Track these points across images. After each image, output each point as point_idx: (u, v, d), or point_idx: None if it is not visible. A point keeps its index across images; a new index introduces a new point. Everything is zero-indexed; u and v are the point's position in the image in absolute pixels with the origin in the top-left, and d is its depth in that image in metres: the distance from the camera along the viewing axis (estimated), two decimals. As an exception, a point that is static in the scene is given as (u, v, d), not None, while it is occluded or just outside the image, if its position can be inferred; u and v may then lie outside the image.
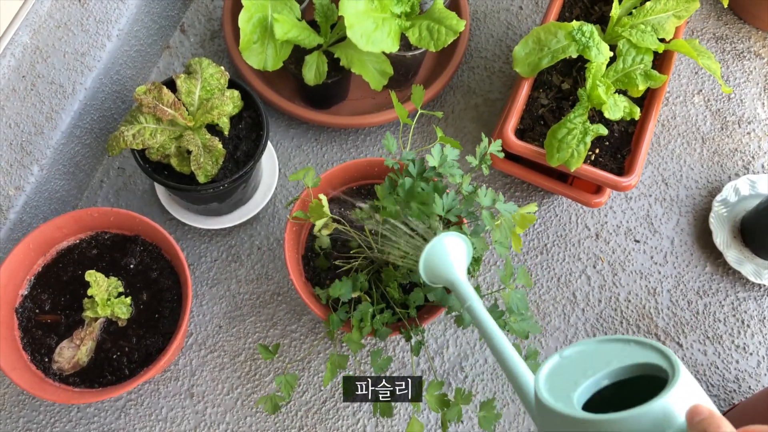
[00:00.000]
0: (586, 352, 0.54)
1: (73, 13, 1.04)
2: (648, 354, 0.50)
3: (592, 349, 0.54)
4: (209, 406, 1.02)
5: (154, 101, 0.91)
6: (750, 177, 1.16)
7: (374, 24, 0.96)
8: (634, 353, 0.51)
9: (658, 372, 0.49)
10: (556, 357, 0.55)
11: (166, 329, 0.93)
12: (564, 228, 1.14)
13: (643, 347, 0.51)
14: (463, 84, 1.22)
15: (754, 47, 1.28)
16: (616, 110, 0.90)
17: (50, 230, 0.93)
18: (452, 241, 0.72)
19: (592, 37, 0.91)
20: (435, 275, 0.72)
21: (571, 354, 0.54)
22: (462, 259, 0.72)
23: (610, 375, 0.51)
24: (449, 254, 0.71)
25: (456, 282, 0.70)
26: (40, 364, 0.91)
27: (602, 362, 0.51)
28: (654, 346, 0.50)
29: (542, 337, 1.08)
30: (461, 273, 0.71)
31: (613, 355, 0.52)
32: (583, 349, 0.54)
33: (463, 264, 0.72)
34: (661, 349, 0.50)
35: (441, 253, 0.72)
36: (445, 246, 0.72)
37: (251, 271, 1.09)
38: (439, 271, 0.72)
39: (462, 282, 0.70)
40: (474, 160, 0.83)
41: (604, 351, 0.53)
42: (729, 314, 1.10)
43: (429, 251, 0.72)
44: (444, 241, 0.72)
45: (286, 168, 1.16)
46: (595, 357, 0.53)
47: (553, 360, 0.55)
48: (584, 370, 0.51)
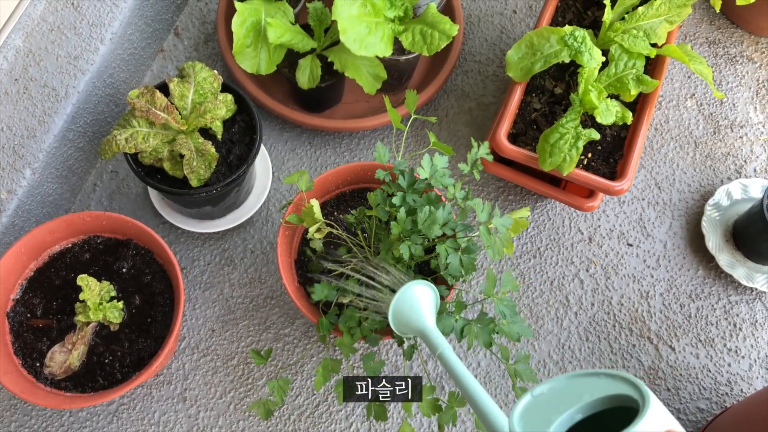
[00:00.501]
0: (557, 389, 0.55)
1: (66, 17, 1.03)
2: (618, 386, 0.51)
3: (563, 385, 0.55)
4: (202, 410, 1.02)
5: (146, 105, 0.91)
6: (742, 181, 1.16)
7: (367, 28, 0.96)
8: (605, 386, 0.52)
9: (629, 402, 0.50)
10: (527, 396, 0.56)
11: (158, 333, 0.93)
12: (557, 231, 1.14)
13: (613, 379, 0.52)
14: (456, 88, 1.23)
15: (747, 51, 1.29)
16: (608, 115, 0.90)
17: (42, 234, 0.93)
18: (420, 290, 0.72)
19: (585, 42, 0.91)
20: (404, 325, 0.72)
21: (542, 391, 0.55)
22: (430, 307, 0.72)
23: (582, 409, 0.52)
24: (419, 303, 0.72)
25: (426, 330, 0.70)
26: (32, 369, 0.90)
27: (574, 397, 0.53)
28: (624, 377, 0.52)
29: (535, 341, 1.08)
30: (431, 321, 0.71)
31: (584, 390, 0.53)
32: (554, 386, 0.55)
33: (431, 312, 0.72)
34: (631, 380, 0.51)
35: (410, 303, 0.72)
36: (414, 295, 0.72)
37: (244, 275, 1.09)
38: (408, 321, 0.72)
39: (432, 330, 0.70)
40: (466, 167, 0.83)
41: (575, 386, 0.54)
42: (721, 317, 1.10)
43: (397, 301, 0.71)
44: (412, 290, 0.72)
45: (280, 171, 1.16)
46: (567, 392, 0.54)
47: (526, 399, 0.56)
48: (557, 406, 0.53)
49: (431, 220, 0.78)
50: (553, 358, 1.07)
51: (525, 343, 1.07)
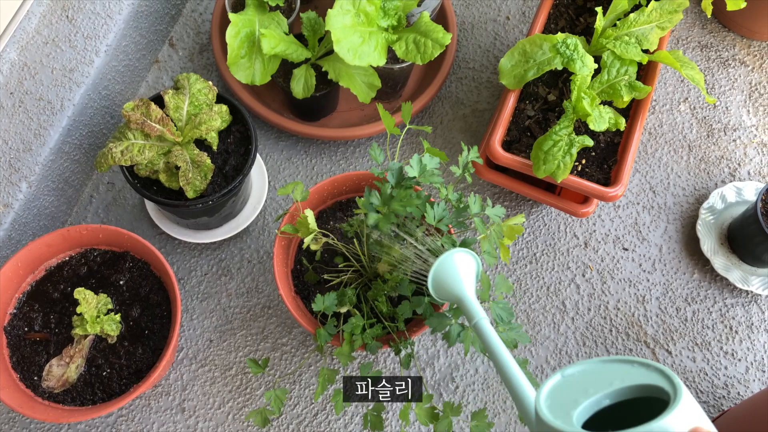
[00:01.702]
0: (588, 372, 0.54)
1: (61, 30, 1.04)
2: (651, 375, 0.50)
3: (595, 369, 0.54)
4: (200, 420, 1.02)
5: (142, 117, 0.92)
6: (736, 184, 1.17)
7: (361, 38, 0.97)
8: (637, 374, 0.51)
9: (659, 394, 0.49)
10: (558, 375, 0.55)
11: (156, 345, 0.93)
12: (553, 237, 1.15)
13: (646, 368, 0.51)
14: (451, 95, 1.23)
15: (739, 55, 1.30)
16: (601, 122, 0.91)
17: (39, 248, 0.93)
18: (462, 258, 0.72)
19: (577, 49, 0.92)
20: (443, 291, 0.72)
21: (573, 373, 0.54)
22: (471, 277, 0.72)
23: (611, 395, 0.51)
24: (458, 271, 0.71)
25: (464, 299, 0.70)
26: (30, 383, 0.90)
27: (604, 382, 0.52)
28: (658, 368, 0.51)
29: (532, 347, 1.08)
30: (470, 290, 0.71)
31: (615, 376, 0.52)
32: (586, 369, 0.54)
33: (471, 281, 0.72)
34: (665, 371, 0.50)
35: (450, 270, 0.71)
36: (454, 262, 0.71)
37: (241, 285, 1.09)
38: (447, 287, 0.71)
39: (470, 299, 0.69)
40: (458, 170, 0.83)
41: (606, 371, 0.53)
42: (717, 321, 1.11)
43: (438, 267, 0.71)
44: (454, 257, 0.72)
45: (276, 181, 1.16)
46: (597, 376, 0.53)
47: (555, 378, 0.55)
48: (585, 389, 0.52)
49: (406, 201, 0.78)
50: (551, 363, 1.07)
51: (522, 349, 1.08)
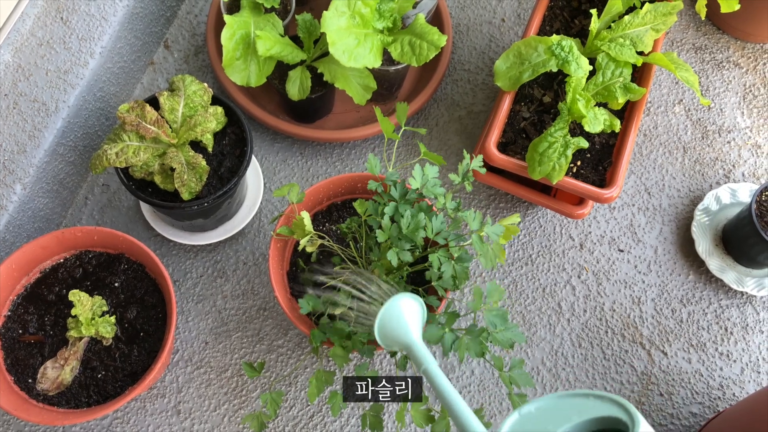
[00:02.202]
0: (545, 408, 0.55)
1: (55, 31, 1.04)
2: (607, 407, 0.51)
3: (552, 405, 0.55)
4: (196, 422, 1.01)
5: (137, 119, 0.92)
6: (731, 185, 1.17)
7: (356, 40, 0.97)
8: (594, 407, 0.52)
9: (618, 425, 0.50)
10: (515, 414, 0.55)
11: (151, 347, 0.93)
12: (548, 239, 1.15)
13: (602, 400, 0.52)
14: (446, 97, 1.23)
15: (733, 57, 1.30)
16: (596, 123, 0.91)
17: (33, 250, 0.93)
18: (406, 304, 0.72)
19: (572, 51, 0.92)
20: (390, 339, 0.72)
21: (530, 410, 0.55)
22: (417, 321, 0.72)
23: (570, 430, 0.52)
24: (405, 317, 0.71)
25: (412, 345, 0.70)
26: (24, 385, 0.90)
27: (562, 417, 0.52)
28: (613, 399, 0.51)
29: (528, 348, 1.08)
30: (417, 335, 0.71)
31: (573, 410, 0.53)
32: (542, 405, 0.55)
33: (417, 326, 0.72)
34: (621, 402, 0.51)
35: (396, 316, 0.71)
36: (400, 308, 0.71)
37: (237, 287, 1.09)
38: (394, 335, 0.71)
39: (418, 345, 0.70)
40: (457, 177, 0.84)
41: (563, 406, 0.54)
42: (712, 322, 1.11)
43: (383, 315, 0.71)
44: (399, 303, 0.71)
45: (272, 182, 1.16)
46: (555, 412, 0.54)
47: (513, 417, 0.55)
48: (545, 426, 0.53)
49: (415, 224, 0.79)
50: (546, 365, 1.07)
51: (518, 351, 1.08)
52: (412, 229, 0.79)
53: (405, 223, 0.79)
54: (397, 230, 0.80)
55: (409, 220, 0.79)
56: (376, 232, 0.80)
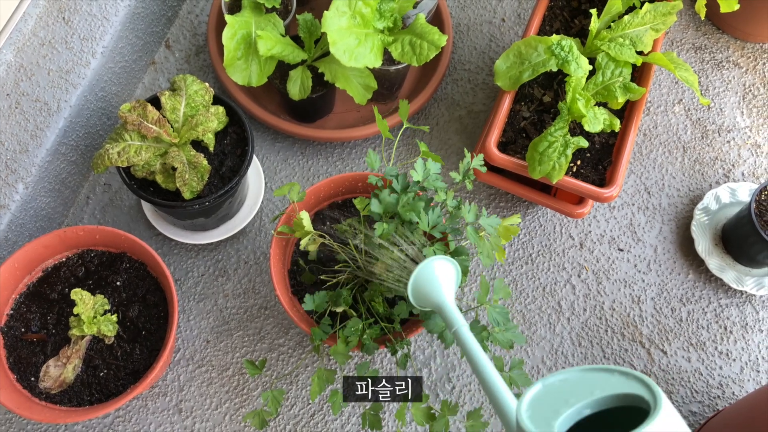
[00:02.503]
0: (569, 381, 0.54)
1: (57, 31, 1.04)
2: (631, 385, 0.51)
3: (576, 378, 0.54)
4: (197, 421, 1.02)
5: (138, 119, 0.92)
6: (730, 185, 1.18)
7: (357, 40, 0.97)
8: (618, 383, 0.51)
9: (640, 403, 0.49)
10: (539, 385, 0.55)
11: (153, 345, 0.93)
12: (548, 238, 1.15)
13: (627, 378, 0.52)
14: (447, 96, 1.24)
15: (733, 56, 1.30)
16: (596, 123, 0.91)
17: (36, 249, 0.93)
18: (441, 265, 0.72)
19: (571, 51, 0.93)
20: (423, 299, 0.72)
21: (553, 382, 0.55)
22: (450, 284, 0.72)
23: (592, 404, 0.51)
24: (438, 278, 0.71)
25: (444, 306, 0.70)
26: (27, 384, 0.90)
27: (585, 391, 0.52)
28: (638, 377, 0.51)
29: (528, 347, 1.09)
30: (449, 297, 0.71)
31: (596, 385, 0.52)
32: (567, 378, 0.55)
33: (451, 288, 0.72)
34: (645, 380, 0.50)
35: (430, 277, 0.71)
36: (434, 270, 0.72)
37: (238, 286, 1.09)
38: (427, 295, 0.71)
39: (449, 307, 0.70)
40: (457, 175, 0.84)
41: (587, 380, 0.53)
42: (712, 321, 1.11)
43: (418, 274, 0.71)
44: (433, 264, 0.72)
45: (273, 182, 1.16)
46: (578, 386, 0.53)
47: (536, 388, 0.55)
48: (566, 398, 0.52)
49: (411, 206, 0.79)
50: (546, 363, 1.08)
51: (518, 350, 1.08)
52: (408, 209, 0.79)
53: (402, 202, 0.79)
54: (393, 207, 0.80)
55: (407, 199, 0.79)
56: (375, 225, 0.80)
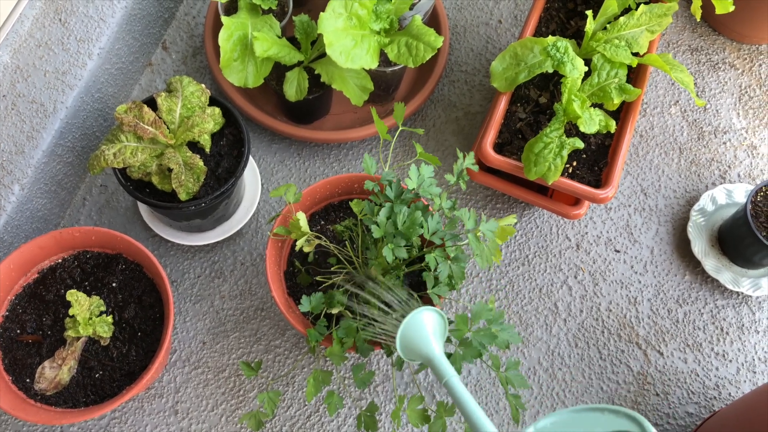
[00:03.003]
0: (560, 423, 0.55)
1: (53, 33, 1.04)
2: (622, 422, 0.52)
3: (567, 420, 0.55)
4: (194, 422, 1.02)
5: (134, 120, 0.92)
6: (726, 186, 1.18)
7: (353, 41, 0.97)
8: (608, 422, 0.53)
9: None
10: (530, 429, 0.56)
11: (149, 347, 0.93)
12: (545, 239, 1.15)
13: (617, 415, 0.53)
14: (444, 98, 1.24)
15: (729, 58, 1.31)
16: (592, 124, 0.91)
17: (31, 250, 0.93)
18: (428, 317, 0.72)
19: (567, 52, 0.93)
20: (412, 351, 0.72)
21: (545, 425, 0.56)
22: (438, 334, 0.72)
23: None
24: (426, 329, 0.71)
25: (433, 358, 0.70)
26: (22, 385, 0.90)
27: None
28: (628, 414, 0.52)
29: (525, 348, 1.09)
30: (438, 349, 0.71)
31: (588, 425, 0.53)
32: (557, 420, 0.56)
33: (439, 339, 0.72)
34: (635, 417, 0.51)
35: (418, 329, 0.71)
36: (422, 321, 0.72)
37: (234, 287, 1.09)
38: (415, 347, 0.71)
39: (439, 358, 0.70)
40: (452, 177, 0.84)
41: (578, 421, 0.54)
42: (708, 322, 1.12)
43: (405, 327, 0.71)
44: (421, 316, 0.72)
45: (269, 183, 1.16)
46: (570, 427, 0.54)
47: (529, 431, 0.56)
48: None
49: (411, 221, 0.79)
50: (543, 364, 1.08)
51: (515, 350, 1.08)
52: (408, 226, 0.79)
53: (401, 220, 0.79)
54: (392, 227, 0.80)
55: (404, 217, 0.80)
56: (372, 228, 0.80)
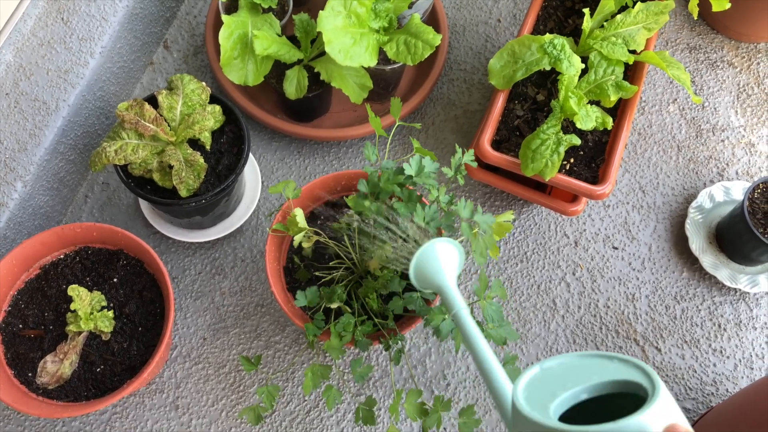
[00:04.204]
0: (567, 365, 0.54)
1: (56, 31, 1.05)
2: (629, 371, 0.50)
3: (574, 363, 0.54)
4: (194, 417, 1.02)
5: (135, 117, 0.93)
6: (724, 184, 1.18)
7: (352, 39, 0.98)
8: (616, 369, 0.51)
9: (638, 390, 0.49)
10: (536, 367, 0.55)
11: (149, 342, 0.94)
12: (543, 236, 1.16)
13: (625, 364, 0.51)
14: (443, 96, 1.25)
15: (727, 56, 1.31)
16: (588, 121, 0.92)
17: (33, 246, 0.94)
18: (444, 247, 0.72)
19: (563, 49, 0.93)
20: (425, 280, 0.72)
21: (552, 366, 0.55)
22: (453, 266, 0.72)
23: (589, 389, 0.51)
24: (440, 260, 0.71)
25: (445, 288, 0.70)
26: (24, 379, 0.91)
27: (583, 376, 0.52)
28: (636, 364, 0.51)
29: (523, 344, 1.09)
30: (451, 280, 0.70)
31: (594, 370, 0.52)
32: (565, 362, 0.54)
33: (453, 271, 0.72)
34: (643, 367, 0.50)
35: (432, 258, 0.71)
36: (436, 251, 0.71)
37: (235, 284, 1.10)
38: (429, 276, 0.71)
39: (451, 289, 0.70)
40: (449, 171, 0.85)
41: (585, 365, 0.53)
42: (706, 318, 1.12)
43: (420, 255, 0.71)
44: (436, 246, 0.71)
45: (269, 181, 1.17)
46: (577, 370, 0.53)
47: (534, 370, 0.55)
48: (564, 382, 0.52)
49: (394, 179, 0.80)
50: (541, 360, 1.08)
51: (513, 347, 1.09)
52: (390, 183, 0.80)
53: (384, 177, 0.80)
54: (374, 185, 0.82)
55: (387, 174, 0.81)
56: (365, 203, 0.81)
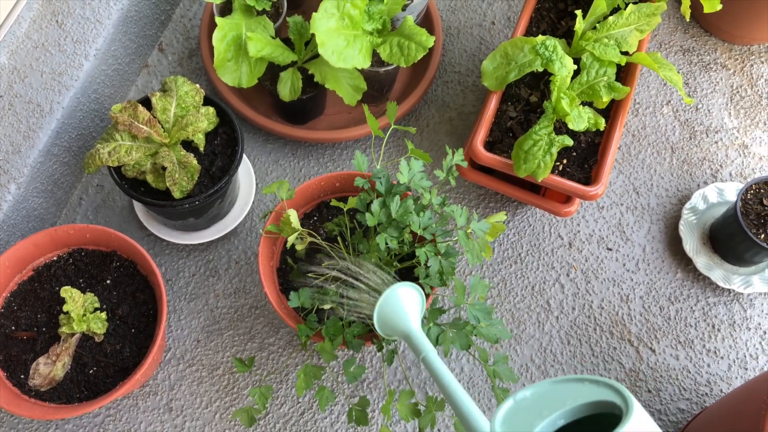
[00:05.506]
0: (540, 394, 0.55)
1: (50, 34, 1.05)
2: (602, 392, 0.51)
3: (547, 390, 0.55)
4: (188, 419, 1.02)
5: (129, 119, 0.93)
6: (718, 185, 1.19)
7: (346, 41, 0.99)
8: (589, 392, 0.52)
9: (612, 409, 0.50)
10: (510, 401, 0.55)
11: (142, 343, 0.94)
12: (537, 237, 1.16)
13: (597, 385, 0.52)
14: (437, 98, 1.25)
15: (720, 59, 1.32)
16: (580, 121, 0.92)
17: (26, 248, 0.94)
18: (405, 292, 0.73)
19: (555, 51, 0.94)
20: (389, 327, 0.73)
21: (525, 396, 0.55)
22: (416, 310, 0.73)
23: (565, 414, 0.52)
24: (403, 305, 0.72)
25: (411, 334, 0.70)
26: (16, 381, 0.91)
27: (557, 402, 0.52)
28: (607, 383, 0.51)
29: (517, 345, 1.09)
30: (416, 324, 0.71)
31: (568, 395, 0.53)
32: (538, 391, 0.55)
33: (416, 314, 0.73)
34: (615, 386, 0.51)
35: (395, 305, 0.72)
36: (399, 297, 0.72)
37: (229, 285, 1.10)
38: (393, 324, 0.72)
39: (416, 333, 0.70)
40: (441, 173, 0.85)
41: (558, 391, 0.54)
42: (700, 319, 1.12)
43: (383, 303, 0.72)
44: (398, 292, 0.72)
45: (264, 183, 1.17)
46: (550, 397, 0.53)
47: (508, 404, 0.55)
48: (540, 411, 0.52)
49: (404, 208, 0.80)
50: (535, 362, 1.08)
51: (507, 348, 1.09)
52: (402, 213, 0.80)
53: (394, 208, 0.80)
54: (386, 215, 0.81)
55: (398, 206, 0.81)
56: (366, 217, 0.81)
